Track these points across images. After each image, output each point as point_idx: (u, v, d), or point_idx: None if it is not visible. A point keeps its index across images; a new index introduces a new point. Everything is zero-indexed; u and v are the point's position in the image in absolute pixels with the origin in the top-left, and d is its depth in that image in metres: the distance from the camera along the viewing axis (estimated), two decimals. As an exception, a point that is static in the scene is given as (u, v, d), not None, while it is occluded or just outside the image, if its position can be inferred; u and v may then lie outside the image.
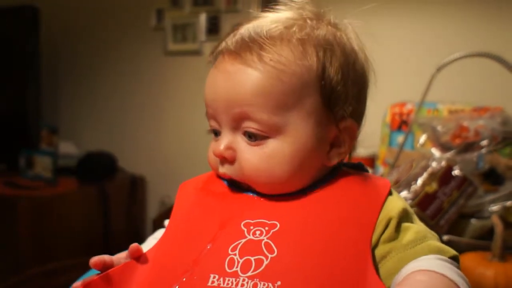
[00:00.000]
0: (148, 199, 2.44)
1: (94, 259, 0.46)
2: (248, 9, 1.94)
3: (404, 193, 0.86)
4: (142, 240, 0.59)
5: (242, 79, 0.46)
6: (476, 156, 0.96)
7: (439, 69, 1.07)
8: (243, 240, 0.44)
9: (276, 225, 0.45)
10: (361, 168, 0.54)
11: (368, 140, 0.52)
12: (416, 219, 0.48)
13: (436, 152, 0.98)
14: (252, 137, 0.47)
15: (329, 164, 0.50)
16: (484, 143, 0.99)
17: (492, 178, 0.96)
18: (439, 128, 1.06)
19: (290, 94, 0.46)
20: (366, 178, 0.50)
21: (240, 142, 0.48)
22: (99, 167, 2.19)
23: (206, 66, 0.52)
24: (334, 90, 0.47)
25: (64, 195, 2.00)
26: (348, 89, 0.48)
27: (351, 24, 0.52)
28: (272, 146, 0.46)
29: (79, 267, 0.69)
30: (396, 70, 1.55)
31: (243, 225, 0.45)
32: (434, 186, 0.87)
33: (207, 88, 0.50)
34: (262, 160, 0.46)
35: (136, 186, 2.33)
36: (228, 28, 1.01)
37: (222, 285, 0.41)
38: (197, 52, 2.21)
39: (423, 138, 1.15)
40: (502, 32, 1.51)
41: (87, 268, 0.48)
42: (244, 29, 0.49)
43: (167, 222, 0.55)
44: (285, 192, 0.48)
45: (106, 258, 0.47)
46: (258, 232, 0.44)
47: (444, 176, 0.89)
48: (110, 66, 2.48)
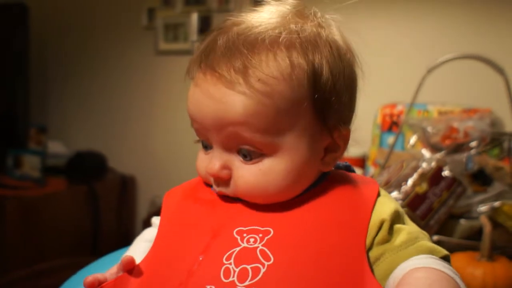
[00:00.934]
0: (138, 199, 2.42)
1: (89, 279, 0.44)
2: (239, 8, 1.94)
3: (394, 193, 0.86)
4: (132, 240, 0.58)
5: (230, 101, 0.43)
6: (466, 157, 0.97)
7: (430, 70, 1.08)
8: (237, 249, 0.43)
9: (270, 231, 0.44)
10: (348, 169, 0.54)
11: (359, 141, 0.51)
12: (407, 219, 0.48)
13: (426, 153, 0.98)
14: (247, 156, 0.45)
15: (325, 169, 0.49)
16: (473, 144, 1.00)
17: (481, 179, 0.97)
18: (429, 129, 1.07)
19: (283, 113, 0.44)
20: (355, 179, 0.50)
21: (235, 160, 0.46)
22: (88, 167, 2.17)
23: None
24: (327, 102, 0.45)
25: (53, 195, 1.98)
26: (341, 98, 0.46)
27: (339, 25, 0.49)
28: (268, 163, 0.45)
29: (68, 268, 0.68)
30: (386, 71, 1.55)
31: (236, 233, 0.44)
32: (424, 187, 0.87)
33: (191, 104, 0.47)
34: (258, 178, 0.45)
35: (126, 186, 2.31)
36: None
37: None
38: (188, 52, 2.19)
39: (413, 139, 1.16)
40: (492, 35, 1.53)
41: (76, 268, 0.48)
42: (224, 38, 0.45)
43: (155, 219, 0.54)
44: (279, 201, 0.47)
45: (99, 276, 0.45)
46: (252, 240, 0.43)
47: (434, 177, 0.89)
48: (100, 65, 2.45)
